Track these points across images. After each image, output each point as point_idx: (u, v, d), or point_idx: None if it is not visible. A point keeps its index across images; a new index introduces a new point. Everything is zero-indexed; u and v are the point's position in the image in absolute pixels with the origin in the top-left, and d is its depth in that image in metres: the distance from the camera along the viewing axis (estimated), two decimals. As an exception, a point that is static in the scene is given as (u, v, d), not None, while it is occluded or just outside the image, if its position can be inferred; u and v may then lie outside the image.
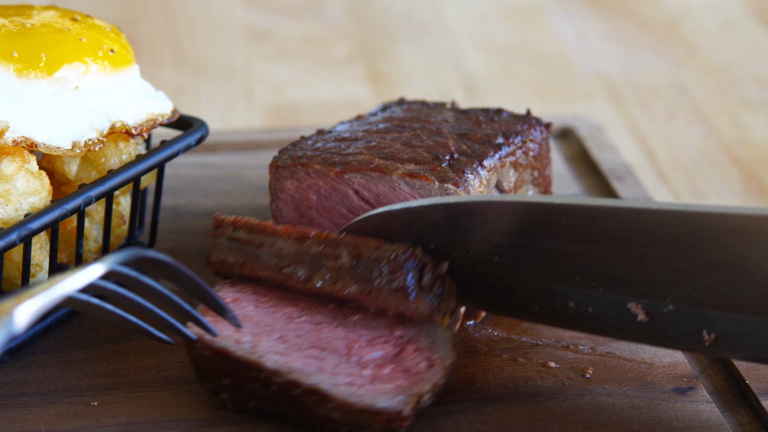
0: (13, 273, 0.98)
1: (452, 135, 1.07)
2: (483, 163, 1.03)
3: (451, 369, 0.93)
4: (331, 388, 0.89)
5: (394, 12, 1.81)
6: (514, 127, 1.09)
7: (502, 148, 1.06)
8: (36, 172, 0.98)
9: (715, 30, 1.76)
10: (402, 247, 0.94)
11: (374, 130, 1.09)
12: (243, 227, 0.98)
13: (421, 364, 0.92)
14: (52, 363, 0.99)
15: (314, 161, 1.05)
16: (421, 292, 0.93)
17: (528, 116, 1.11)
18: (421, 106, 1.14)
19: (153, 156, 1.03)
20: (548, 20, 1.79)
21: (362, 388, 0.89)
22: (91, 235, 1.05)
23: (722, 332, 0.89)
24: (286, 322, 0.95)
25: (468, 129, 1.08)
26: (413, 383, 0.90)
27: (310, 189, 1.05)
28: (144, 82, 1.07)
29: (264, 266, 0.97)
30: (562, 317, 0.95)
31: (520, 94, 1.59)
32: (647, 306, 0.91)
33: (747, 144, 1.47)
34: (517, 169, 1.07)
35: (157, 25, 1.75)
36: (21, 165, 0.97)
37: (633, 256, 0.91)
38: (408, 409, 0.88)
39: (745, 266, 0.87)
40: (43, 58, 1.00)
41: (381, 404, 0.88)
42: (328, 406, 0.88)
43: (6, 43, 0.99)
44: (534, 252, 0.94)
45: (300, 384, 0.89)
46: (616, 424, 0.93)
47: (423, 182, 1.00)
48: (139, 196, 1.06)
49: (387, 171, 1.02)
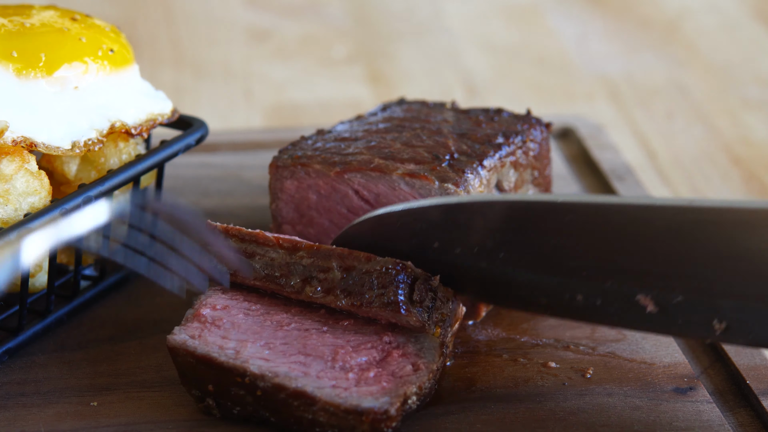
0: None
1: (452, 135, 1.07)
2: (483, 162, 1.03)
3: (437, 374, 0.93)
4: (316, 390, 0.88)
5: (394, 12, 1.81)
6: (514, 126, 1.09)
7: (502, 147, 1.06)
8: (35, 172, 0.98)
9: (715, 30, 1.76)
10: (392, 261, 0.94)
11: (374, 130, 1.09)
12: (235, 235, 0.98)
13: (406, 368, 0.92)
14: (52, 363, 0.99)
15: (314, 161, 1.05)
16: (411, 306, 0.93)
17: (528, 116, 1.11)
18: (421, 106, 1.14)
19: (153, 156, 1.03)
20: (548, 20, 1.79)
21: (347, 390, 0.89)
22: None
23: (733, 320, 0.89)
24: (274, 329, 0.95)
25: (468, 129, 1.08)
26: (398, 385, 0.90)
27: (310, 189, 1.05)
28: (144, 82, 1.07)
29: (256, 276, 0.97)
30: (570, 310, 0.95)
31: (520, 94, 1.59)
32: (656, 297, 0.91)
33: (747, 144, 1.47)
34: (518, 169, 1.07)
35: (157, 25, 1.75)
36: (20, 165, 0.97)
37: (639, 251, 0.91)
38: (393, 409, 0.88)
39: (751, 257, 0.87)
40: (43, 57, 1.00)
41: (366, 404, 0.88)
42: (314, 408, 0.88)
43: (5, 43, 0.99)
44: (539, 248, 0.94)
45: (285, 387, 0.89)
46: (617, 424, 0.93)
47: (423, 182, 1.00)
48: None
49: (387, 171, 1.02)
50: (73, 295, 1.04)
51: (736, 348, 1.01)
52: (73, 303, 1.04)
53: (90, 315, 1.05)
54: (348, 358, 0.92)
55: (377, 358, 0.93)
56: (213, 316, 0.95)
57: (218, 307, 0.96)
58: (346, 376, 0.90)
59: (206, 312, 0.96)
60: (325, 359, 0.92)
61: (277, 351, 0.92)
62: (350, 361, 0.92)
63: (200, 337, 0.93)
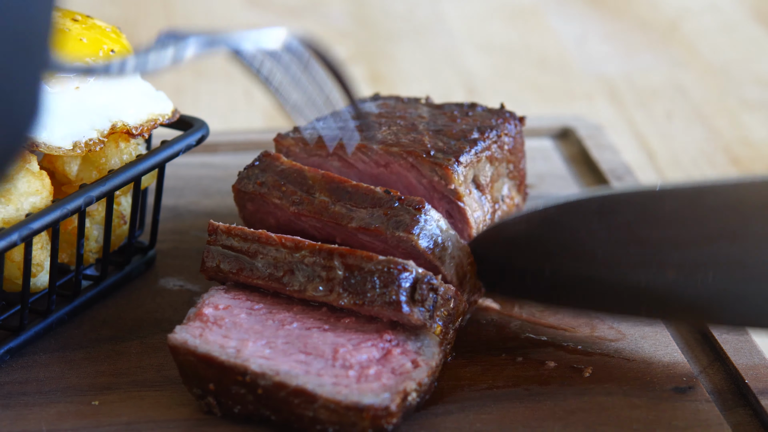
0: (14, 273, 0.98)
1: (428, 131, 1.07)
2: (459, 159, 1.04)
3: (437, 370, 0.94)
4: (316, 388, 0.89)
5: (394, 12, 1.81)
6: (488, 121, 1.09)
7: (478, 143, 1.06)
8: (37, 172, 0.98)
9: (715, 30, 1.76)
10: (394, 261, 0.94)
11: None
12: (237, 235, 0.98)
13: (406, 365, 0.92)
14: (53, 362, 0.99)
15: (273, 196, 1.03)
16: (413, 306, 0.93)
17: (502, 110, 1.11)
18: (396, 101, 1.14)
19: (153, 156, 1.04)
20: (548, 20, 1.80)
21: (347, 387, 0.89)
22: (92, 235, 1.05)
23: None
24: (276, 328, 0.95)
25: (443, 125, 1.08)
26: (398, 381, 0.91)
27: (270, 214, 1.05)
28: (144, 83, 1.07)
29: (258, 275, 0.97)
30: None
31: (520, 95, 1.59)
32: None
33: (747, 144, 1.47)
34: (493, 163, 1.07)
35: (157, 25, 1.75)
36: (22, 165, 0.97)
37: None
38: (394, 405, 0.88)
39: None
40: (44, 58, 1.00)
41: (367, 401, 0.88)
42: (315, 405, 0.89)
43: (7, 44, 0.99)
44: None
45: (286, 385, 0.89)
46: (616, 423, 0.93)
47: (376, 234, 1.00)
48: (139, 196, 1.06)
49: (341, 223, 1.01)
50: (74, 295, 1.04)
51: (735, 347, 1.01)
52: (75, 302, 1.04)
53: (91, 314, 1.05)
54: (348, 356, 0.92)
55: (378, 355, 0.93)
56: (215, 316, 0.96)
57: (220, 306, 0.97)
58: (347, 374, 0.91)
59: (208, 311, 0.96)
60: (326, 357, 0.92)
61: (278, 350, 0.93)
62: (351, 359, 0.92)
63: (201, 336, 0.93)
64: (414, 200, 0.99)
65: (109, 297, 1.07)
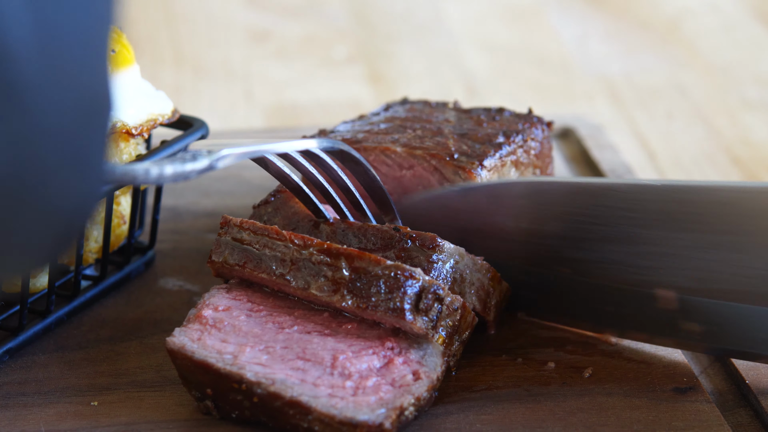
0: (13, 273, 0.98)
1: (453, 135, 1.07)
2: (483, 163, 1.03)
3: (438, 384, 0.93)
4: (311, 401, 0.88)
5: (394, 12, 1.81)
6: (515, 126, 1.09)
7: (503, 147, 1.06)
8: (36, 172, 0.98)
9: (715, 30, 1.76)
10: (402, 267, 0.93)
11: (375, 131, 1.09)
12: (248, 229, 0.98)
13: (407, 377, 0.91)
14: (52, 363, 0.99)
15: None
16: (417, 314, 0.93)
17: (530, 115, 1.11)
18: (424, 105, 1.14)
19: (153, 156, 1.03)
20: (548, 20, 1.79)
21: (343, 400, 0.89)
22: (92, 235, 1.05)
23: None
24: (275, 332, 0.95)
25: (469, 129, 1.08)
26: (396, 396, 0.90)
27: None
28: (144, 82, 1.07)
29: (264, 269, 0.97)
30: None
31: (520, 94, 1.59)
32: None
33: (747, 144, 1.47)
34: (519, 168, 1.07)
35: (157, 26, 1.75)
36: (21, 165, 0.97)
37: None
38: (388, 423, 0.88)
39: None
40: (44, 58, 0.99)
41: (361, 417, 0.87)
42: (309, 417, 0.88)
43: (6, 43, 0.99)
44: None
45: (281, 396, 0.89)
46: (616, 424, 0.93)
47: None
48: (139, 196, 1.06)
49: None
50: (73, 295, 1.04)
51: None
52: (74, 303, 1.04)
53: (90, 315, 1.05)
54: (348, 364, 0.91)
55: (378, 364, 0.92)
56: (214, 318, 0.95)
57: (220, 308, 0.96)
58: (344, 385, 0.90)
59: (208, 313, 0.96)
60: (325, 365, 0.91)
61: (275, 356, 0.92)
62: (350, 367, 0.91)
63: (199, 340, 0.93)
64: (426, 238, 0.98)
65: (109, 297, 1.07)
